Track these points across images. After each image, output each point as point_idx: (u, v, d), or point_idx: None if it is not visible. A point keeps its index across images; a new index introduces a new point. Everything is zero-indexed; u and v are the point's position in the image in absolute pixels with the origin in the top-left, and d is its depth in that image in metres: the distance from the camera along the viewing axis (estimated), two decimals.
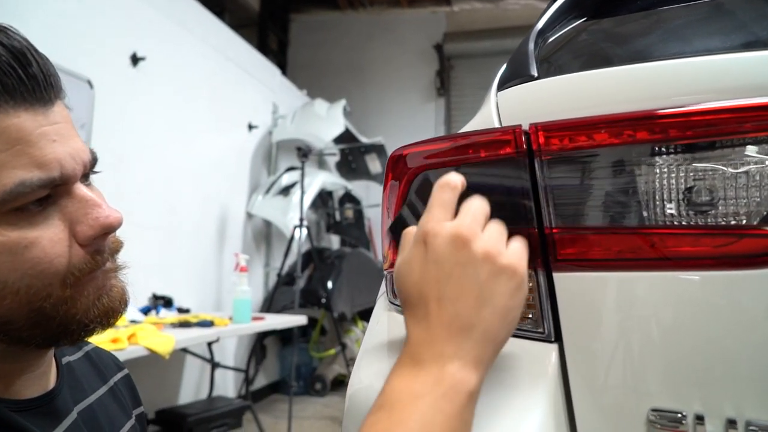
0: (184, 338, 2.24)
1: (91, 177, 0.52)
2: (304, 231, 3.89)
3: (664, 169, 0.49)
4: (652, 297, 0.49)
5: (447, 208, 0.47)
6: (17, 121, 0.43)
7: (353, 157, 5.06)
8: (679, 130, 0.48)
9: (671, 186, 0.49)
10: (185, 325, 2.47)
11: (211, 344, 3.19)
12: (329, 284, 4.13)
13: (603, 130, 0.50)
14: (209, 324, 2.52)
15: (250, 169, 4.20)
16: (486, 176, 0.57)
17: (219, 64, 3.70)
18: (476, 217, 0.46)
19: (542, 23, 0.73)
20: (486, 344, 0.44)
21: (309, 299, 4.11)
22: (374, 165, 5.02)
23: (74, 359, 0.62)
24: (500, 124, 0.59)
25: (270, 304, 3.99)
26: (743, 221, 0.47)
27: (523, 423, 0.48)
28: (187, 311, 2.97)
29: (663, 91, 0.51)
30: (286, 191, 4.06)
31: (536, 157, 0.53)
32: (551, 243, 0.53)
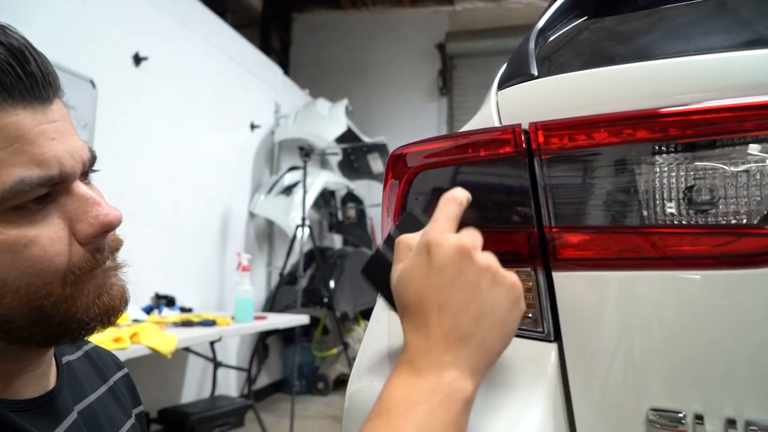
0: (187, 337, 2.24)
1: (91, 175, 0.52)
2: (307, 230, 3.89)
3: (664, 168, 0.49)
4: (652, 296, 0.49)
5: (451, 221, 0.47)
6: (16, 119, 0.43)
7: (355, 157, 5.06)
8: (679, 129, 0.48)
9: (671, 185, 0.49)
10: (187, 325, 2.48)
11: (214, 343, 3.20)
12: (331, 284, 4.13)
13: (603, 129, 0.50)
14: (211, 323, 2.52)
15: (253, 169, 4.20)
16: (486, 175, 0.57)
17: (221, 64, 3.71)
18: (475, 237, 0.47)
19: (543, 22, 0.73)
20: (482, 354, 0.44)
21: (311, 299, 4.12)
22: (376, 164, 5.02)
23: (74, 358, 0.62)
24: (500, 123, 0.59)
25: (272, 304, 3.99)
26: (743, 220, 0.47)
27: (522, 422, 0.48)
28: (190, 310, 2.98)
29: (663, 90, 0.50)
30: (289, 191, 4.07)
31: (536, 157, 0.53)
32: (551, 242, 0.53)
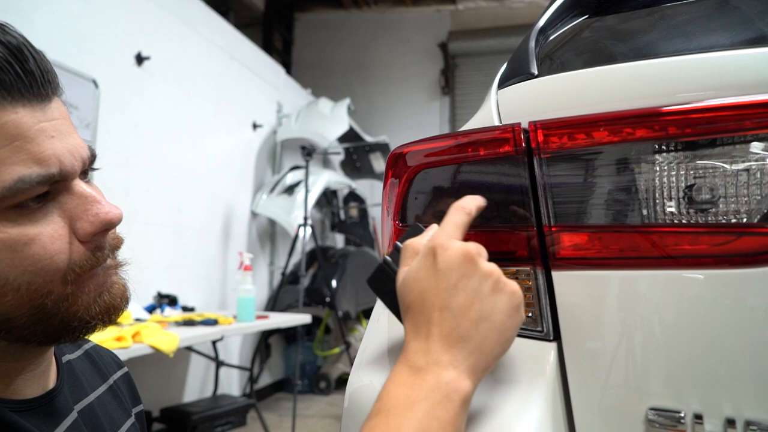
0: (189, 336, 2.25)
1: (91, 174, 0.52)
2: (309, 230, 3.89)
3: (664, 167, 0.49)
4: (652, 295, 0.48)
5: (459, 229, 0.49)
6: (15, 117, 0.43)
7: (358, 156, 5.06)
8: (679, 128, 0.48)
9: (671, 184, 0.49)
10: (190, 324, 2.48)
11: (216, 343, 3.21)
12: (334, 283, 4.14)
13: (602, 128, 0.50)
14: (213, 322, 2.53)
15: (255, 168, 4.20)
16: (485, 174, 0.57)
17: (224, 64, 3.71)
18: (480, 247, 0.48)
19: (544, 21, 0.73)
20: (480, 356, 0.45)
21: (313, 298, 4.12)
22: (378, 164, 5.02)
23: (74, 358, 0.62)
24: (500, 122, 0.59)
25: (274, 303, 4.00)
26: (744, 219, 0.47)
27: (521, 421, 0.48)
28: (192, 310, 2.98)
29: (663, 89, 0.50)
30: (291, 190, 4.07)
31: (535, 155, 0.53)
32: (550, 241, 0.52)
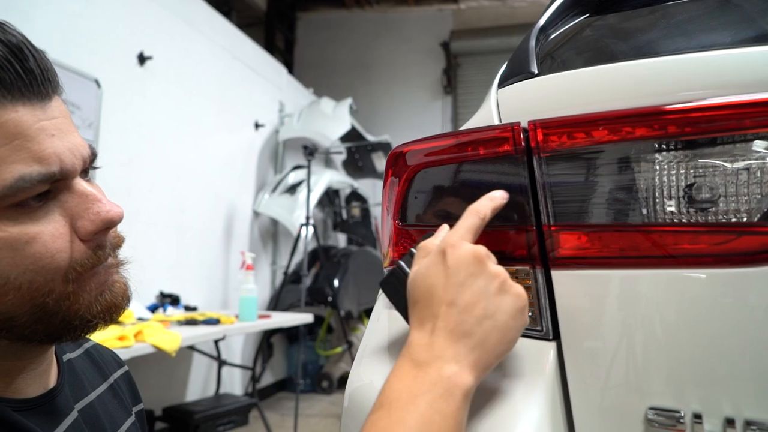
0: (191, 336, 2.25)
1: (92, 172, 0.52)
2: (311, 229, 3.90)
3: (664, 166, 0.49)
4: (651, 295, 0.48)
5: (470, 232, 0.51)
6: (15, 116, 0.43)
7: (360, 156, 5.06)
8: (678, 127, 0.47)
9: (671, 183, 0.49)
10: (192, 323, 2.48)
11: (218, 342, 3.21)
12: (336, 282, 4.14)
13: (601, 127, 0.50)
14: (215, 322, 2.53)
15: (257, 168, 4.21)
16: (485, 173, 0.56)
17: (226, 63, 3.71)
18: (489, 252, 0.50)
19: (544, 20, 0.73)
20: (482, 353, 0.46)
21: (315, 297, 4.12)
22: (381, 163, 5.02)
23: (75, 356, 0.62)
24: (500, 122, 0.59)
25: (277, 302, 4.00)
26: (744, 218, 0.47)
27: (521, 420, 0.48)
28: (194, 309, 2.99)
29: (663, 87, 0.50)
30: (293, 190, 4.07)
31: (535, 155, 0.53)
32: (549, 241, 0.52)
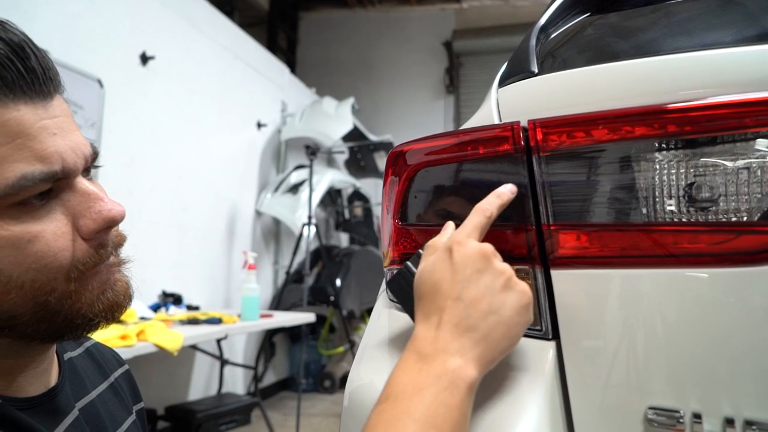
0: (193, 335, 2.25)
1: (93, 171, 0.52)
2: (313, 229, 3.90)
3: (664, 166, 0.49)
4: (651, 294, 0.48)
5: (477, 230, 0.52)
6: (17, 115, 0.43)
7: (362, 155, 5.06)
8: (678, 126, 0.47)
9: (671, 182, 0.49)
10: (194, 323, 2.49)
11: (220, 341, 3.22)
12: (338, 282, 4.14)
13: (601, 127, 0.50)
14: (218, 321, 2.53)
15: (259, 167, 4.21)
16: (485, 173, 0.56)
17: (228, 63, 3.72)
18: (495, 251, 0.51)
19: (545, 19, 0.73)
20: (486, 348, 0.47)
21: (318, 297, 4.12)
22: (383, 163, 5.02)
23: (75, 355, 0.62)
24: (500, 121, 0.59)
25: (279, 302, 4.00)
26: (744, 217, 0.47)
27: (520, 420, 0.48)
28: (197, 308, 2.99)
29: (663, 86, 0.50)
30: (295, 189, 4.08)
31: (534, 154, 0.53)
32: (549, 240, 0.52)
